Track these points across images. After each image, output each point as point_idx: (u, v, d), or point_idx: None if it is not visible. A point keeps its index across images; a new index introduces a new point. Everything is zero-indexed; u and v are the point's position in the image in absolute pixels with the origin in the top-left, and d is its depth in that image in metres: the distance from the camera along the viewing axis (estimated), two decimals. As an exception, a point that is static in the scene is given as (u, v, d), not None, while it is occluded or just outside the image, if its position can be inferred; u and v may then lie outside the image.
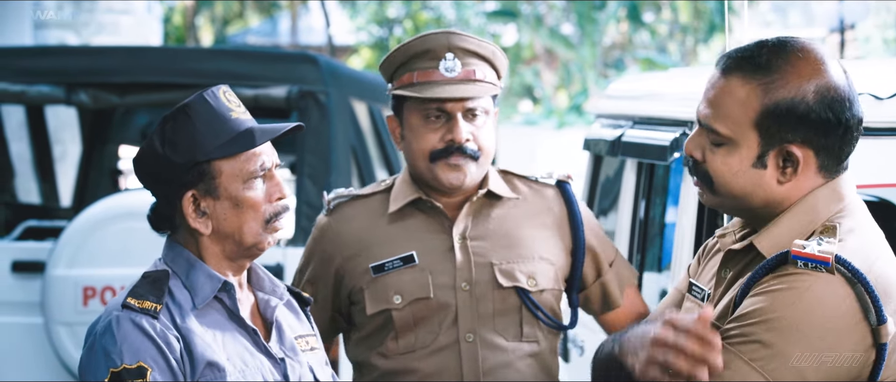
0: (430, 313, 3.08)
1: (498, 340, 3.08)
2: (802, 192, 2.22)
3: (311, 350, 2.59)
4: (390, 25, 28.17)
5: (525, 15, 25.66)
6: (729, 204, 2.28)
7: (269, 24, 30.39)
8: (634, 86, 4.74)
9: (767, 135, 2.19)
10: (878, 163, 3.10)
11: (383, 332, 3.11)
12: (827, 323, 2.09)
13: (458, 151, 3.04)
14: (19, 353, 5.63)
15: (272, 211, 2.46)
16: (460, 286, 3.08)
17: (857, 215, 2.24)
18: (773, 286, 2.13)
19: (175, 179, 2.42)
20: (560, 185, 3.23)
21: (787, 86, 2.17)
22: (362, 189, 3.25)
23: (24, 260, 5.65)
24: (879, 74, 3.49)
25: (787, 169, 2.21)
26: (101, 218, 5.48)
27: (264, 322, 2.54)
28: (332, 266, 3.16)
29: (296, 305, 2.66)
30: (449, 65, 3.03)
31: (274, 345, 2.51)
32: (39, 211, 6.92)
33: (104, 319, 2.40)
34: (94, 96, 5.87)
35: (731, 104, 2.20)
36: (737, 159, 2.21)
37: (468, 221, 3.13)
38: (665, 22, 27.48)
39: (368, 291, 3.10)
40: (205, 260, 2.46)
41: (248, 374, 2.42)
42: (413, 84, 3.05)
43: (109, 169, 7.45)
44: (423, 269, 3.08)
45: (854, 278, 2.11)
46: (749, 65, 2.20)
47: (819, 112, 2.17)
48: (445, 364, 3.06)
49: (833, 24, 19.69)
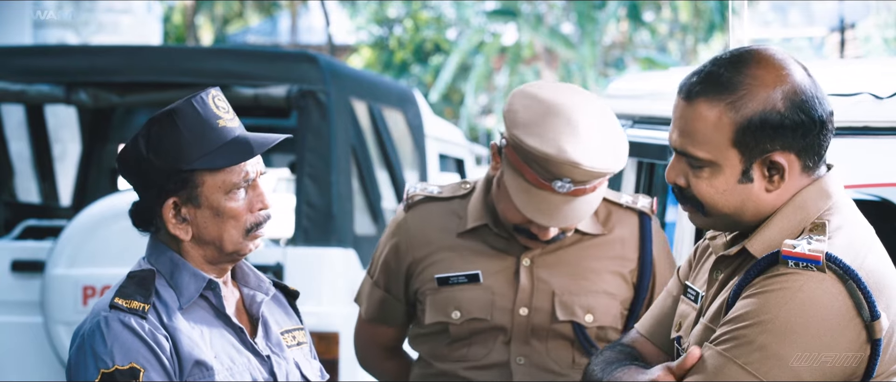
0: (485, 332, 3.10)
1: (550, 364, 3.09)
2: (790, 193, 2.23)
3: (297, 345, 2.58)
4: (390, 25, 28.17)
5: (525, 14, 25.65)
6: (722, 222, 2.27)
7: (268, 23, 30.39)
8: (634, 85, 4.74)
9: (747, 150, 2.19)
10: (878, 163, 3.10)
11: (440, 337, 3.15)
12: (821, 322, 2.09)
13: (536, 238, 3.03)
14: (19, 353, 5.62)
15: (253, 221, 2.44)
16: (519, 311, 3.09)
17: (845, 211, 2.24)
18: (765, 287, 2.13)
19: (156, 184, 2.41)
20: (641, 217, 3.18)
21: (754, 100, 2.17)
22: (441, 189, 3.24)
23: (24, 259, 5.64)
24: (879, 74, 3.48)
25: (774, 176, 2.21)
26: (100, 218, 5.47)
27: (250, 318, 2.54)
28: (405, 262, 3.19)
29: (283, 299, 2.65)
30: (563, 186, 2.92)
31: (260, 342, 2.50)
32: (39, 211, 6.90)
33: (91, 320, 2.38)
34: (93, 95, 5.87)
35: (704, 129, 2.20)
36: (722, 180, 2.21)
37: (540, 247, 3.11)
38: (665, 21, 27.48)
39: (430, 300, 3.13)
40: (187, 261, 2.45)
41: (236, 372, 2.42)
42: (525, 178, 2.93)
43: (109, 168, 7.43)
44: (487, 289, 3.09)
45: (846, 275, 2.11)
46: (712, 86, 2.19)
47: (792, 117, 2.17)
48: (495, 378, 3.09)
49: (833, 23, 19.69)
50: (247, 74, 5.70)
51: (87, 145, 7.43)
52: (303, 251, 5.44)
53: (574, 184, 2.91)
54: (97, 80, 5.88)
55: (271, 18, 30.45)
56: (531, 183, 2.92)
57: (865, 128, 3.07)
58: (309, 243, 5.47)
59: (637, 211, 3.19)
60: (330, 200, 5.50)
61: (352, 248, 5.53)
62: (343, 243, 5.48)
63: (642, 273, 3.14)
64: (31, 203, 7.32)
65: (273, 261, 5.35)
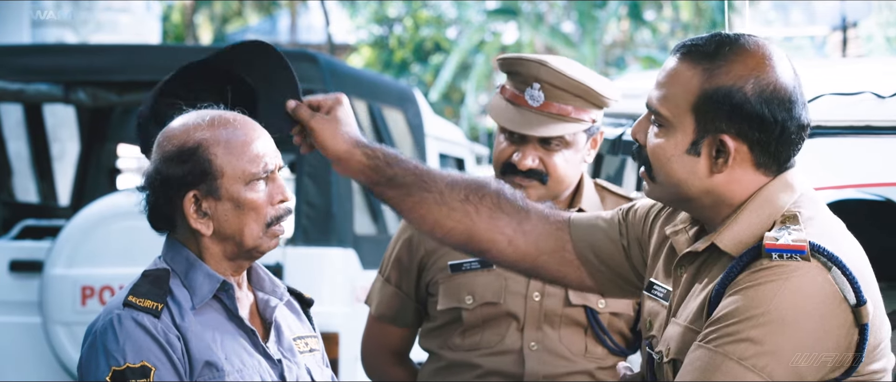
0: (498, 317, 3.14)
1: (562, 350, 3.13)
2: (747, 190, 2.23)
3: (310, 351, 2.58)
4: (390, 24, 28.18)
5: (526, 13, 25.65)
6: (668, 194, 2.28)
7: (268, 22, 30.40)
8: (635, 84, 4.71)
9: (703, 121, 2.20)
10: (880, 162, 3.09)
11: (452, 327, 3.19)
12: (812, 311, 2.08)
13: (520, 173, 3.11)
14: (17, 353, 5.61)
15: (274, 214, 2.45)
16: (532, 296, 3.14)
17: (813, 204, 2.24)
18: (751, 282, 2.12)
19: (177, 176, 2.41)
20: None
21: (728, 75, 2.19)
22: None
23: (22, 259, 5.64)
24: (882, 73, 3.47)
25: (719, 160, 2.21)
26: (99, 218, 5.47)
27: (263, 322, 2.53)
28: (417, 256, 3.25)
29: (297, 306, 2.65)
30: (534, 94, 3.09)
31: (272, 346, 2.50)
32: (37, 211, 6.90)
33: (104, 318, 2.38)
34: (92, 94, 5.86)
35: (674, 86, 2.23)
36: (672, 143, 2.23)
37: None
38: (666, 20, 27.48)
39: (443, 287, 3.18)
40: (205, 260, 2.45)
41: (246, 374, 2.41)
42: (505, 98, 3.14)
43: (108, 168, 7.43)
44: (499, 275, 3.15)
45: (830, 262, 2.10)
46: (698, 52, 2.23)
47: (755, 105, 2.18)
48: (508, 365, 3.13)
49: (835, 22, 19.68)
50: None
51: (85, 144, 7.42)
52: (303, 251, 5.44)
53: (545, 95, 3.04)
54: (96, 80, 5.88)
55: (271, 17, 30.46)
56: (508, 99, 3.11)
57: (867, 127, 3.06)
58: (309, 243, 5.46)
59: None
60: (330, 200, 5.49)
61: (352, 248, 5.52)
62: (343, 243, 5.47)
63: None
64: (30, 202, 7.32)
65: (273, 261, 5.35)
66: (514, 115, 3.09)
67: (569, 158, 3.12)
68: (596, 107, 3.12)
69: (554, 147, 3.10)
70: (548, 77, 3.07)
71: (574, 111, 3.09)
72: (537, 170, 3.10)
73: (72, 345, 5.38)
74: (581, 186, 3.20)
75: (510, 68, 3.13)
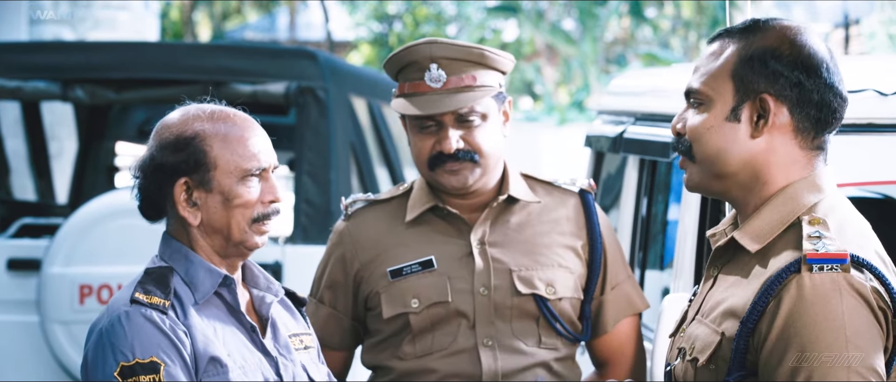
0: (448, 317, 3.08)
1: (518, 344, 3.08)
2: (783, 168, 2.22)
3: (305, 348, 2.58)
4: (390, 21, 28.15)
5: (526, 10, 25.64)
6: (706, 174, 2.25)
7: (267, 19, 30.37)
8: (636, 82, 4.70)
9: (742, 85, 2.21)
10: (881, 160, 3.08)
11: (400, 336, 3.11)
12: (863, 320, 2.08)
13: (450, 158, 3.06)
14: (15, 352, 5.61)
15: (262, 212, 2.45)
16: (479, 291, 3.08)
17: (842, 208, 2.23)
18: (805, 305, 2.10)
19: (171, 162, 2.41)
20: (582, 194, 3.22)
21: (766, 40, 2.22)
22: (380, 194, 3.26)
23: (20, 257, 5.63)
24: (884, 70, 3.46)
25: (760, 121, 2.21)
26: (97, 216, 5.46)
27: (260, 319, 2.53)
28: (351, 271, 3.16)
29: (291, 304, 2.64)
30: (434, 75, 3.06)
31: (268, 343, 2.49)
32: (35, 209, 6.89)
33: (110, 315, 2.37)
34: (90, 92, 5.85)
35: (712, 62, 2.25)
36: (711, 115, 2.23)
37: (486, 226, 3.13)
38: (667, 17, 27.46)
39: (385, 295, 3.10)
40: (198, 255, 2.45)
41: (248, 370, 2.41)
42: (405, 95, 3.10)
43: (106, 166, 7.42)
44: (442, 274, 3.09)
45: (865, 268, 2.11)
46: (734, 31, 2.27)
47: (793, 65, 2.20)
48: (464, 366, 3.07)
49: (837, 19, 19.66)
50: (245, 71, 5.70)
51: (83, 142, 7.41)
52: (301, 249, 5.44)
53: (445, 72, 3.04)
54: (94, 77, 5.86)
55: (270, 15, 30.43)
56: (409, 93, 3.09)
57: (869, 124, 3.05)
58: (308, 241, 5.46)
59: (577, 190, 3.22)
60: (329, 198, 5.49)
61: (351, 246, 5.50)
62: (342, 241, 5.45)
63: (593, 247, 3.16)
64: (28, 201, 7.31)
65: (271, 260, 5.34)
66: (422, 103, 3.06)
67: (489, 131, 3.08)
68: (496, 71, 3.09)
69: (471, 123, 3.06)
70: (442, 52, 3.04)
71: (478, 79, 3.06)
72: (465, 149, 3.06)
73: (70, 344, 5.37)
74: (506, 173, 3.16)
75: (402, 62, 3.09)
